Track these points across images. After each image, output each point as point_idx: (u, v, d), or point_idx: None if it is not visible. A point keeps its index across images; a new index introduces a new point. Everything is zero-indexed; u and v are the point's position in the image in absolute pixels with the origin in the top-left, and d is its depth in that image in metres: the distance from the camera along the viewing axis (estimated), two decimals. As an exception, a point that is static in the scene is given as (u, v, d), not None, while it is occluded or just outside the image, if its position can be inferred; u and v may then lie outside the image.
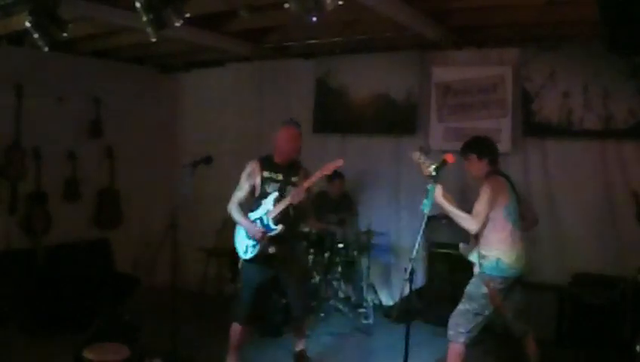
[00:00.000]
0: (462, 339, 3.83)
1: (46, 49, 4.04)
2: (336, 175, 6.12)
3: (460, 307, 3.91)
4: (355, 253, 5.94)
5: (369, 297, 5.91)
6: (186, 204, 4.83)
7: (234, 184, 5.34)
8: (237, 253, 4.41)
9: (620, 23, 3.33)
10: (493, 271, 3.82)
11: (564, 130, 5.39)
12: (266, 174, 4.34)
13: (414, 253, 3.44)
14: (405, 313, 4.95)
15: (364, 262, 6.02)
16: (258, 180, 4.35)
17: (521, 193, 4.11)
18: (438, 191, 3.78)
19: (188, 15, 3.67)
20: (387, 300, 6.22)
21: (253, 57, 6.70)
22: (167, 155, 7.48)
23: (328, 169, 4.17)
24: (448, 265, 5.54)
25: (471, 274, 4.13)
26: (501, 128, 5.64)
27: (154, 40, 3.77)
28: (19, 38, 5.56)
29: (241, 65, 7.08)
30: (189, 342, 4.89)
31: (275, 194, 4.29)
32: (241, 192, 4.38)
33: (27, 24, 3.92)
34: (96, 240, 6.60)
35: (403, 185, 6.21)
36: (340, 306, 5.73)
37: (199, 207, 6.56)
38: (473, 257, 3.99)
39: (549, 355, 4.89)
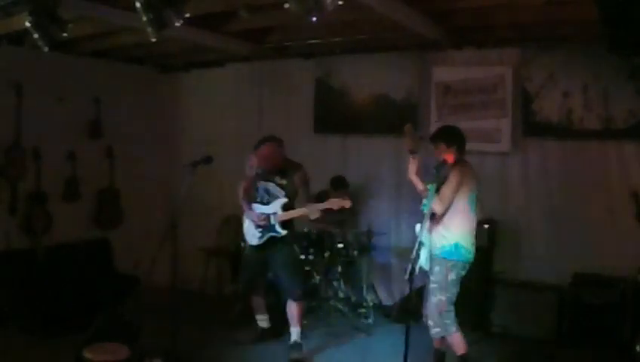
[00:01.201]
0: (453, 329, 3.95)
1: (46, 49, 4.04)
2: (341, 185, 6.10)
3: (434, 300, 3.97)
4: (355, 253, 5.93)
5: (369, 297, 5.91)
6: (186, 203, 4.84)
7: (234, 184, 5.35)
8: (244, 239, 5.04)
9: (619, 23, 3.34)
10: (453, 256, 3.93)
11: (564, 130, 5.39)
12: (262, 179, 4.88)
13: (414, 252, 3.44)
14: (405, 313, 4.96)
15: (364, 262, 6.02)
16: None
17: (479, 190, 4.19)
18: (412, 168, 4.00)
19: (188, 15, 3.67)
20: (387, 300, 6.22)
21: (254, 57, 6.69)
22: (167, 155, 7.48)
23: (333, 204, 4.67)
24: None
25: (471, 274, 4.14)
26: (501, 128, 5.64)
27: (154, 40, 3.77)
28: (19, 38, 5.55)
29: (241, 65, 7.07)
30: (189, 342, 4.89)
31: (285, 200, 4.73)
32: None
33: (27, 24, 3.92)
34: (96, 240, 6.60)
35: (403, 185, 6.18)
36: (340, 306, 5.73)
37: (199, 207, 6.56)
38: (425, 238, 4.02)
39: (549, 355, 4.91)
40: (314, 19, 3.21)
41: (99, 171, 6.74)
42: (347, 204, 4.64)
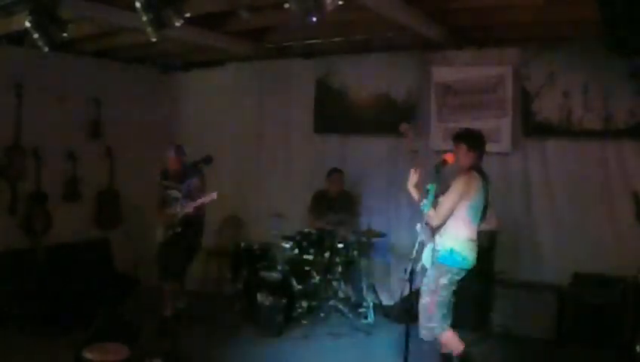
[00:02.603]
0: (439, 330, 3.88)
1: (46, 49, 4.04)
2: (335, 170, 6.15)
3: (422, 301, 3.93)
4: (355, 253, 5.93)
5: (369, 297, 5.90)
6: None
7: (234, 184, 5.36)
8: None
9: (620, 23, 3.34)
10: (447, 261, 3.85)
11: (564, 130, 5.39)
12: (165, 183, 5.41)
13: (414, 253, 3.45)
14: (405, 313, 4.95)
15: (364, 262, 6.02)
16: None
17: (491, 198, 4.06)
18: (412, 179, 3.92)
19: (188, 15, 3.68)
20: (387, 300, 6.21)
21: (254, 57, 6.69)
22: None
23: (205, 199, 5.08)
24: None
25: (471, 274, 4.13)
26: (501, 128, 5.64)
27: (154, 40, 3.77)
28: (19, 38, 5.55)
29: (242, 65, 7.08)
30: (189, 342, 4.90)
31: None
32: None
33: (27, 24, 3.92)
34: (96, 240, 6.60)
35: (403, 185, 6.19)
36: (340, 306, 5.73)
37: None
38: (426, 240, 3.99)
39: (549, 355, 4.91)
40: (314, 19, 3.21)
41: (99, 171, 6.74)
42: (214, 196, 5.03)
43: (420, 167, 3.97)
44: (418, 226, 3.82)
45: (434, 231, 3.93)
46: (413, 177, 3.95)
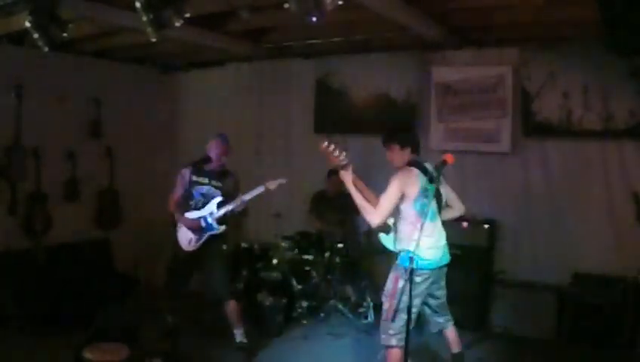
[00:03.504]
0: (394, 342, 3.66)
1: (46, 49, 4.04)
2: (334, 171, 6.14)
3: (384, 307, 3.75)
4: (355, 253, 5.94)
5: (369, 297, 5.90)
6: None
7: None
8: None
9: (620, 23, 3.34)
10: (405, 263, 3.58)
11: (564, 130, 5.39)
12: (194, 178, 4.80)
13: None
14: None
15: (364, 262, 6.02)
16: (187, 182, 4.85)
17: (447, 188, 3.98)
18: (347, 177, 3.69)
19: (188, 15, 3.67)
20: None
21: (253, 57, 6.70)
22: (167, 155, 7.49)
23: (270, 185, 4.74)
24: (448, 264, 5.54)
25: (470, 274, 4.14)
26: (501, 128, 5.64)
27: (154, 40, 3.77)
28: (19, 38, 5.56)
29: (241, 65, 7.08)
30: (189, 342, 4.90)
31: (220, 198, 4.68)
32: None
33: (27, 24, 3.92)
34: (96, 240, 6.60)
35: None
36: (340, 306, 5.73)
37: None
38: (391, 246, 3.90)
39: (549, 355, 4.91)
40: (314, 19, 3.21)
41: (99, 171, 6.74)
42: (282, 180, 4.73)
43: (356, 179, 3.78)
44: (381, 236, 3.81)
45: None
46: (346, 176, 3.72)
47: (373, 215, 3.66)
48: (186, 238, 4.74)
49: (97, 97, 6.66)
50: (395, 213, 3.75)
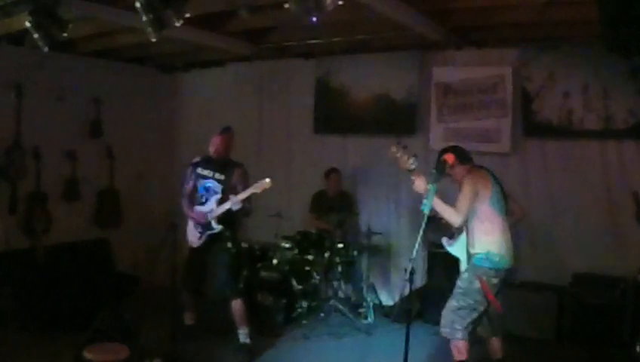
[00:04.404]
0: (459, 336, 3.76)
1: (46, 49, 4.04)
2: (332, 170, 6.17)
3: (453, 303, 3.81)
4: (355, 253, 5.94)
5: (369, 297, 5.91)
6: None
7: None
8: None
9: (619, 23, 3.33)
10: (485, 263, 3.72)
11: (564, 130, 5.39)
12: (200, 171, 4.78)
13: (414, 253, 3.44)
14: (405, 313, 4.95)
15: (364, 262, 6.02)
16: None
17: (506, 188, 4.03)
18: (419, 182, 3.71)
19: (188, 15, 3.67)
20: (387, 300, 6.22)
21: (253, 57, 6.70)
22: (167, 155, 7.48)
23: (256, 188, 4.51)
24: (448, 265, 5.53)
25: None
26: (501, 128, 5.64)
27: (154, 40, 3.77)
28: (19, 38, 5.55)
29: (241, 65, 7.08)
30: (189, 342, 4.89)
31: (219, 195, 4.65)
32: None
33: (27, 24, 3.92)
34: (96, 240, 6.60)
35: (403, 185, 6.20)
36: (340, 306, 5.73)
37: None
38: (458, 252, 3.95)
39: (549, 355, 4.91)
40: (314, 19, 3.21)
41: (99, 171, 6.74)
42: (267, 184, 4.48)
43: (420, 177, 3.79)
44: (444, 240, 3.87)
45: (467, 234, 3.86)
46: (419, 182, 3.73)
47: (455, 215, 3.71)
48: (194, 234, 4.77)
49: (97, 97, 6.65)
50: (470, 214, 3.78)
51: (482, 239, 3.76)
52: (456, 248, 4.01)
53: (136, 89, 7.15)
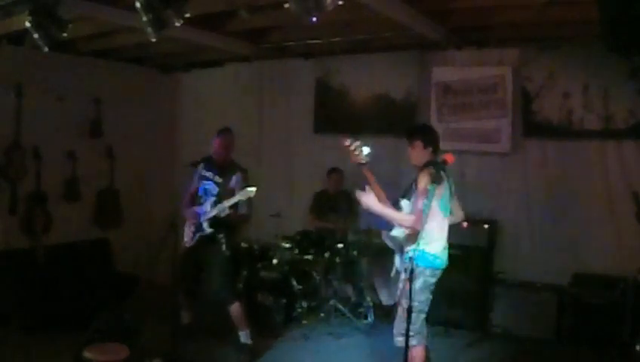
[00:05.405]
0: (415, 342, 3.59)
1: (46, 49, 4.04)
2: (333, 169, 6.18)
3: (400, 310, 3.70)
4: (355, 253, 5.94)
5: (369, 297, 5.91)
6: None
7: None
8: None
9: (619, 23, 3.33)
10: (421, 262, 3.60)
11: (564, 131, 5.39)
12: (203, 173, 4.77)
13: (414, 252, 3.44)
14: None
15: (364, 262, 6.02)
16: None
17: (454, 190, 3.95)
18: (373, 200, 3.69)
19: (188, 15, 3.67)
20: (387, 300, 6.21)
21: (253, 57, 6.70)
22: (167, 155, 7.48)
23: (242, 196, 4.44)
24: (448, 264, 5.54)
25: (470, 274, 4.12)
26: (501, 128, 5.64)
27: (154, 40, 3.77)
28: (19, 38, 5.56)
29: (241, 65, 7.08)
30: (189, 342, 4.89)
31: (213, 198, 4.63)
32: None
33: (27, 24, 3.92)
34: (96, 240, 6.60)
35: (403, 185, 6.18)
36: (340, 306, 5.73)
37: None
38: (396, 246, 3.89)
39: (549, 355, 4.91)
40: (314, 19, 3.21)
41: (99, 171, 6.74)
42: (251, 192, 4.41)
43: (371, 178, 3.82)
44: (384, 233, 3.80)
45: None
46: (371, 199, 3.74)
47: (413, 221, 3.57)
48: (188, 233, 4.78)
49: (97, 97, 6.65)
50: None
51: (421, 237, 3.54)
52: (394, 240, 3.92)
53: (136, 89, 7.14)
